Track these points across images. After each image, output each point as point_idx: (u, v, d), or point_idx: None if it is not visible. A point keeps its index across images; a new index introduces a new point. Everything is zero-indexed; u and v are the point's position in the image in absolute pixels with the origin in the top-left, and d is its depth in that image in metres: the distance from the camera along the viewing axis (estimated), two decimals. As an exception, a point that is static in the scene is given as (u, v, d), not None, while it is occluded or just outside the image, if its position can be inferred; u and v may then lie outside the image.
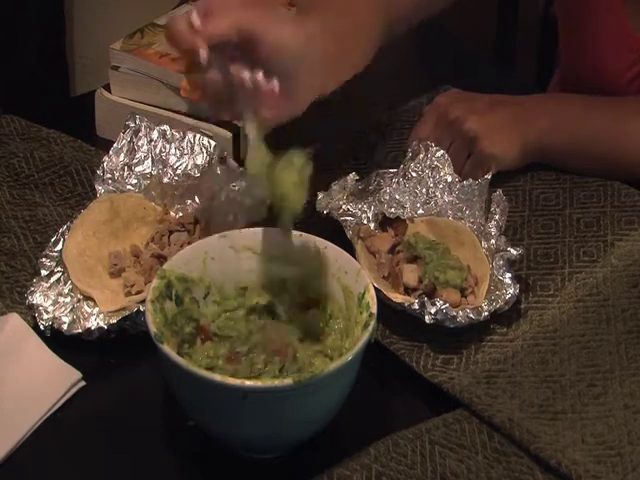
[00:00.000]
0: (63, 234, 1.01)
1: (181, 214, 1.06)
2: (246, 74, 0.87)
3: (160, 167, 1.07)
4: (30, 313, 0.96)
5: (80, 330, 0.94)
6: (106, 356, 0.95)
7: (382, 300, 0.92)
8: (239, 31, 0.86)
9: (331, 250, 0.91)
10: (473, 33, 1.82)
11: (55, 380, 0.91)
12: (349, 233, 1.02)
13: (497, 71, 1.59)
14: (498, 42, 1.86)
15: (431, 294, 0.96)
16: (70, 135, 1.19)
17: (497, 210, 1.02)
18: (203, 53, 0.85)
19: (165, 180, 1.06)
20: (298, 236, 0.93)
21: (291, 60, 0.89)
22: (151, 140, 1.08)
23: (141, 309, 0.93)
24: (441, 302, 0.93)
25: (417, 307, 0.93)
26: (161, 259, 0.99)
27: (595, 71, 1.22)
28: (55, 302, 0.96)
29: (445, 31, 1.42)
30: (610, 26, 1.18)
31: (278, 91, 0.88)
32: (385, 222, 1.05)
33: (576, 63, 1.27)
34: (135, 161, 1.07)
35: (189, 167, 1.06)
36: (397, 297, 0.95)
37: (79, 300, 0.96)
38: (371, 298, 0.86)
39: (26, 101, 1.44)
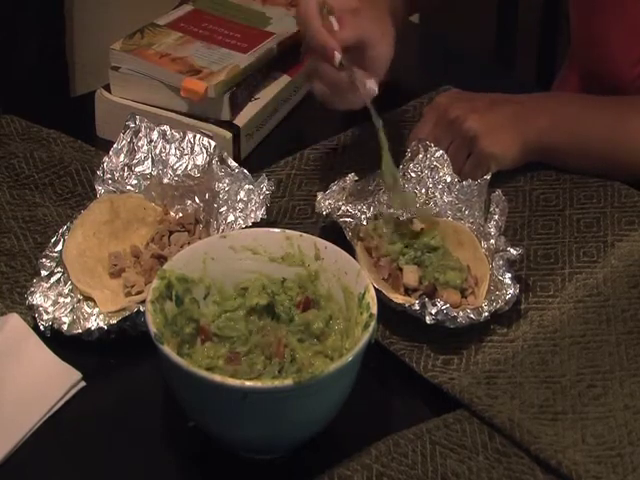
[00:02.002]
0: (63, 234, 1.01)
1: (181, 214, 1.06)
2: (366, 82, 1.04)
3: (160, 167, 1.07)
4: (30, 313, 0.96)
5: (80, 330, 0.94)
6: (106, 356, 0.95)
7: (382, 301, 0.92)
8: (358, 40, 1.03)
9: (331, 250, 0.91)
10: (473, 33, 1.82)
11: (55, 380, 0.91)
12: (349, 234, 1.02)
13: (497, 71, 1.59)
14: (498, 42, 1.86)
15: (431, 295, 0.96)
16: (70, 135, 1.19)
17: (496, 210, 1.02)
18: (338, 56, 1.01)
19: (165, 180, 1.06)
20: (298, 236, 0.93)
21: (387, 62, 1.07)
22: (151, 140, 1.08)
23: (141, 309, 0.93)
24: (441, 303, 0.93)
25: (418, 308, 0.93)
26: (161, 259, 0.99)
27: (602, 62, 1.22)
28: (55, 302, 0.96)
29: (445, 31, 1.42)
30: (620, 20, 1.19)
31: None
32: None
33: (584, 53, 1.27)
34: (135, 161, 1.07)
35: (189, 167, 1.06)
36: (398, 298, 0.95)
37: (79, 300, 0.96)
38: (371, 298, 0.86)
39: (26, 101, 1.44)
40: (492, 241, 1.01)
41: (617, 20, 1.19)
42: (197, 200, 1.06)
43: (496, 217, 1.02)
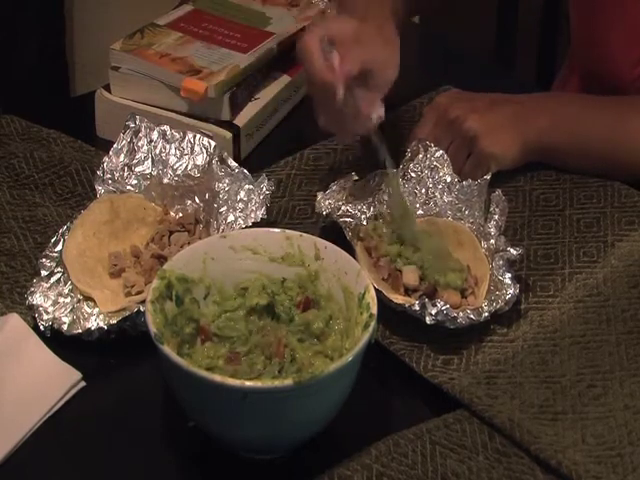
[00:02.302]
0: (63, 234, 1.01)
1: (181, 214, 1.06)
2: (374, 113, 1.03)
3: (160, 167, 1.07)
4: (30, 313, 0.96)
5: (80, 330, 0.94)
6: (106, 356, 0.95)
7: (382, 301, 0.92)
8: (361, 70, 1.01)
9: (331, 250, 0.91)
10: (473, 33, 1.82)
11: (55, 380, 0.91)
12: (349, 234, 1.02)
13: (497, 71, 1.59)
14: (498, 42, 1.86)
15: (432, 295, 0.96)
16: (70, 135, 1.19)
17: (496, 210, 1.02)
18: (340, 93, 0.99)
19: (165, 180, 1.06)
20: (298, 236, 0.93)
21: (391, 82, 1.05)
22: (151, 140, 1.08)
23: (141, 309, 0.93)
24: (442, 303, 0.92)
25: (418, 308, 0.93)
26: (161, 259, 0.99)
27: (602, 63, 1.22)
28: (55, 302, 0.96)
29: (445, 31, 1.42)
30: (621, 18, 1.19)
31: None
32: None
33: (585, 54, 1.27)
34: (135, 161, 1.07)
35: (189, 167, 1.06)
36: (398, 298, 0.95)
37: (79, 300, 0.96)
38: (371, 299, 0.86)
39: (26, 101, 1.44)
40: (492, 241, 1.01)
41: (617, 20, 1.19)
42: (197, 200, 1.06)
43: (496, 217, 1.02)
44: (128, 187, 1.07)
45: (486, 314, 0.94)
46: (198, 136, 1.07)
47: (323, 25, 1.04)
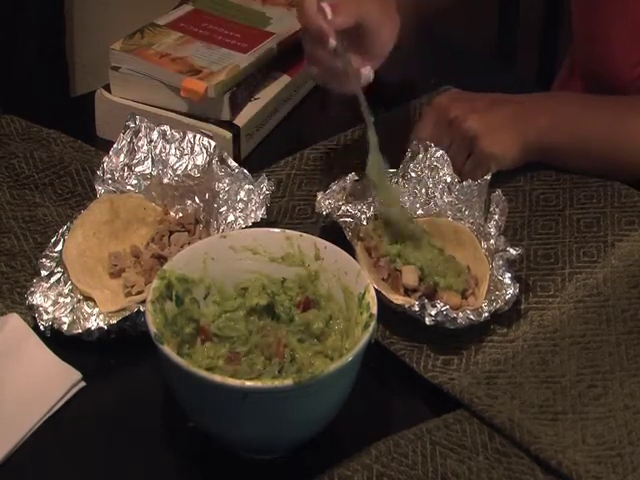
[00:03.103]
0: (63, 234, 1.01)
1: (181, 214, 1.06)
2: (362, 70, 1.04)
3: (160, 167, 1.07)
4: (30, 313, 0.96)
5: (80, 330, 0.94)
6: (106, 356, 0.95)
7: (382, 301, 0.92)
8: (357, 24, 1.02)
9: (331, 250, 0.91)
10: (475, 29, 1.82)
11: (55, 380, 0.91)
12: (349, 234, 1.02)
13: (499, 67, 1.59)
14: (500, 38, 1.86)
15: (431, 296, 0.96)
16: (70, 135, 1.19)
17: (496, 210, 1.02)
18: (332, 42, 1.00)
19: (165, 180, 1.06)
20: (298, 236, 0.93)
21: (388, 46, 1.06)
22: (151, 140, 1.08)
23: (141, 309, 0.93)
24: (441, 304, 0.92)
25: (417, 309, 0.93)
26: (161, 259, 0.99)
27: (603, 63, 1.22)
28: (55, 302, 0.96)
29: (447, 27, 1.42)
30: (624, 17, 1.18)
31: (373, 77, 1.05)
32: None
33: (586, 53, 1.27)
34: (135, 161, 1.07)
35: (189, 167, 1.06)
36: (397, 299, 0.95)
37: (79, 300, 0.96)
38: (371, 299, 0.86)
39: (26, 101, 1.44)
40: (492, 241, 1.01)
41: (619, 16, 1.19)
42: (197, 200, 1.06)
43: (496, 217, 1.02)
44: (128, 187, 1.07)
45: (486, 314, 0.94)
46: (198, 136, 1.07)
47: None
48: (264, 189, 1.03)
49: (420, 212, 1.06)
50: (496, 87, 1.17)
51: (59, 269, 0.99)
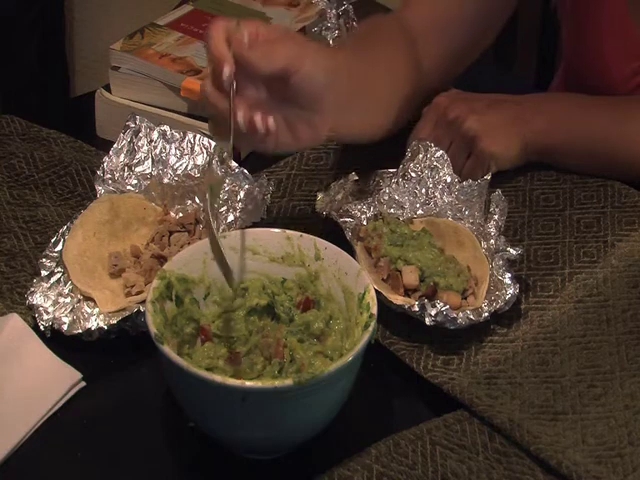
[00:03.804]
0: (63, 234, 1.01)
1: (181, 214, 1.06)
2: (241, 114, 0.86)
3: (160, 167, 1.07)
4: (30, 314, 0.96)
5: (80, 331, 0.94)
6: (106, 356, 0.95)
7: (382, 302, 0.92)
8: (283, 69, 0.86)
9: (331, 251, 0.91)
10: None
11: (55, 381, 0.91)
12: (349, 235, 1.02)
13: (497, 69, 1.59)
14: (498, 39, 1.86)
15: (431, 296, 0.96)
16: (70, 135, 1.19)
17: (496, 210, 1.02)
18: (227, 70, 0.85)
19: (165, 180, 1.06)
20: (298, 236, 0.93)
21: (320, 89, 0.89)
22: (151, 140, 1.08)
23: (141, 310, 0.93)
24: (441, 304, 0.92)
25: (417, 309, 0.93)
26: (161, 260, 0.99)
27: (597, 74, 1.22)
28: (55, 303, 0.96)
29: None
30: (614, 32, 1.18)
31: (275, 128, 0.88)
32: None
33: (579, 65, 1.27)
34: (135, 161, 1.07)
35: (189, 167, 1.06)
36: (397, 299, 0.95)
37: (79, 301, 0.96)
38: (371, 299, 0.86)
39: (26, 101, 1.44)
40: (492, 241, 1.01)
41: (609, 34, 1.19)
42: (197, 200, 1.06)
43: (496, 217, 1.02)
44: (128, 187, 1.07)
45: (486, 314, 0.94)
46: (198, 136, 1.07)
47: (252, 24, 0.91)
48: (264, 189, 1.03)
49: (420, 212, 1.06)
50: (495, 88, 1.17)
51: (59, 269, 0.99)
